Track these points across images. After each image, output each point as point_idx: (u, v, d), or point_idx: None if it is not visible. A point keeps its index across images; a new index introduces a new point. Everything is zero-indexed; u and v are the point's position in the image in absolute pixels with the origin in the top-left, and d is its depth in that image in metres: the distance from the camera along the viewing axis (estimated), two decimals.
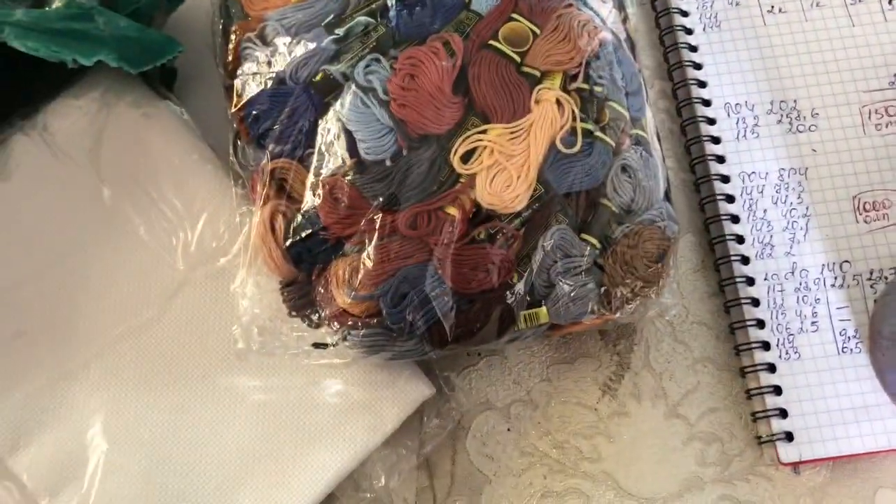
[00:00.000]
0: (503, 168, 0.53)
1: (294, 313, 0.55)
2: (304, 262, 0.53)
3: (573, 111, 0.54)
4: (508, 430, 0.58)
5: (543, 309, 0.53)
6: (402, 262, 0.52)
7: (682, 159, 0.64)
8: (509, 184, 0.53)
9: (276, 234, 0.53)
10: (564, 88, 0.55)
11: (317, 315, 0.53)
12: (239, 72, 0.57)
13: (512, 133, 0.53)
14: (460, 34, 0.55)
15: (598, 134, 0.54)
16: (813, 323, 0.59)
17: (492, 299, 0.53)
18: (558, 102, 0.54)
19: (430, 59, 0.54)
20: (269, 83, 0.56)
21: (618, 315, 0.54)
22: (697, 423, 0.58)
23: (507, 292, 0.53)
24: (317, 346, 0.54)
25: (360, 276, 0.52)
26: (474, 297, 0.53)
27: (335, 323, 0.53)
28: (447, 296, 0.52)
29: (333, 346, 0.54)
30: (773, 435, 0.56)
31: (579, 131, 0.54)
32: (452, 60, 0.54)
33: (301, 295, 0.54)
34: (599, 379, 0.59)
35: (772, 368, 0.58)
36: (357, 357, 0.54)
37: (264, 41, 0.57)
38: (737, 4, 0.66)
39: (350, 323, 0.53)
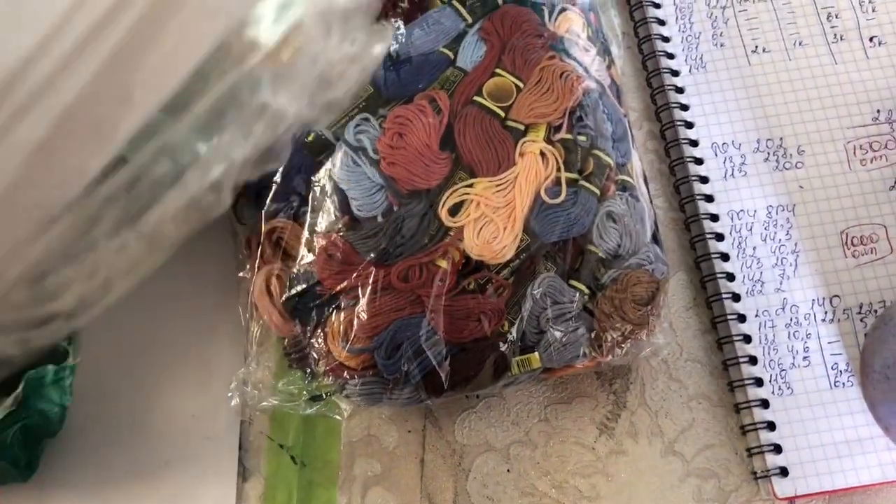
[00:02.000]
0: (490, 220, 0.55)
1: (294, 366, 0.57)
2: (301, 316, 0.55)
3: (557, 162, 0.56)
4: (508, 471, 0.59)
5: (536, 354, 0.55)
6: (395, 315, 0.54)
7: (671, 198, 0.66)
8: (496, 235, 0.55)
9: (272, 296, 0.56)
10: (549, 140, 0.57)
11: (314, 368, 0.55)
12: None
13: (497, 186, 0.55)
14: (446, 91, 0.57)
15: (583, 183, 0.56)
16: (805, 358, 0.60)
17: (485, 347, 0.55)
18: (542, 154, 0.56)
19: (417, 117, 0.56)
20: None
21: (609, 358, 0.56)
22: (694, 460, 0.59)
23: (500, 340, 0.55)
24: (314, 398, 0.56)
25: (354, 330, 0.54)
26: (467, 345, 0.55)
27: (332, 375, 0.55)
28: (441, 345, 0.54)
29: (330, 396, 0.56)
30: (768, 470, 0.57)
31: (563, 181, 0.56)
32: (439, 117, 0.56)
33: (300, 348, 0.56)
34: (596, 418, 0.60)
35: (765, 404, 0.59)
36: (355, 406, 0.56)
37: None
38: (721, 45, 0.68)
39: (346, 375, 0.54)
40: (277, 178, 0.56)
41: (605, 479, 0.59)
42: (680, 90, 0.67)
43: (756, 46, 0.68)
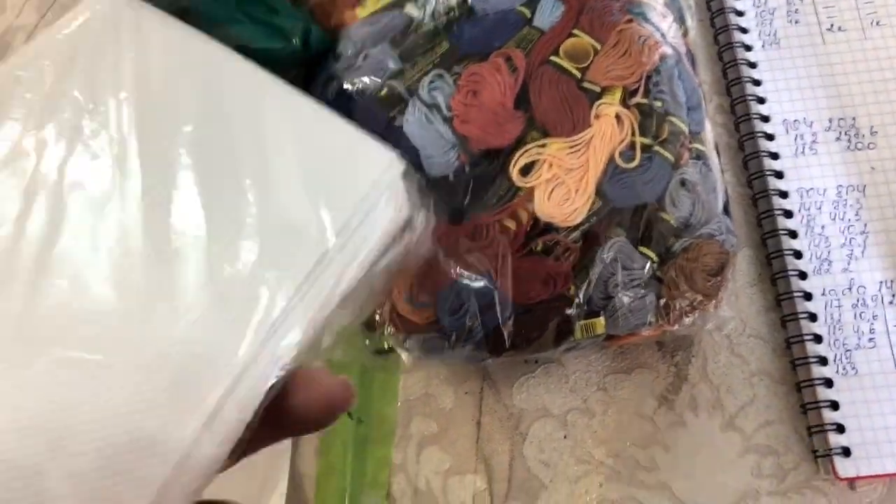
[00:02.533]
0: (562, 181, 0.54)
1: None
2: None
3: (632, 126, 0.55)
4: (565, 437, 0.59)
5: (601, 319, 0.54)
6: (461, 273, 0.54)
7: (739, 174, 0.65)
8: (568, 197, 0.54)
9: None
10: (624, 103, 0.56)
11: (377, 320, 0.55)
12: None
13: (571, 147, 0.55)
14: (522, 50, 0.56)
15: (658, 148, 0.55)
16: (870, 339, 0.59)
17: (549, 309, 0.54)
18: (618, 117, 0.55)
19: (492, 75, 0.55)
20: (333, 95, 0.58)
21: (676, 327, 0.55)
22: (754, 436, 0.58)
23: (565, 304, 0.54)
24: (378, 352, 0.56)
25: (419, 285, 0.54)
26: (532, 307, 0.54)
27: (395, 329, 0.54)
28: (505, 305, 0.53)
29: (392, 351, 0.56)
30: (830, 449, 0.56)
31: (638, 146, 0.55)
32: (514, 76, 0.55)
33: None
34: (657, 390, 0.60)
35: (829, 383, 0.58)
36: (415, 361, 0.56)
37: (335, 55, 0.60)
38: (796, 22, 0.67)
39: (409, 329, 0.54)
40: None
41: (664, 451, 0.58)
42: (752, 65, 0.66)
43: (831, 25, 0.67)
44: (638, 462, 0.58)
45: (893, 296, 0.60)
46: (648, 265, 0.55)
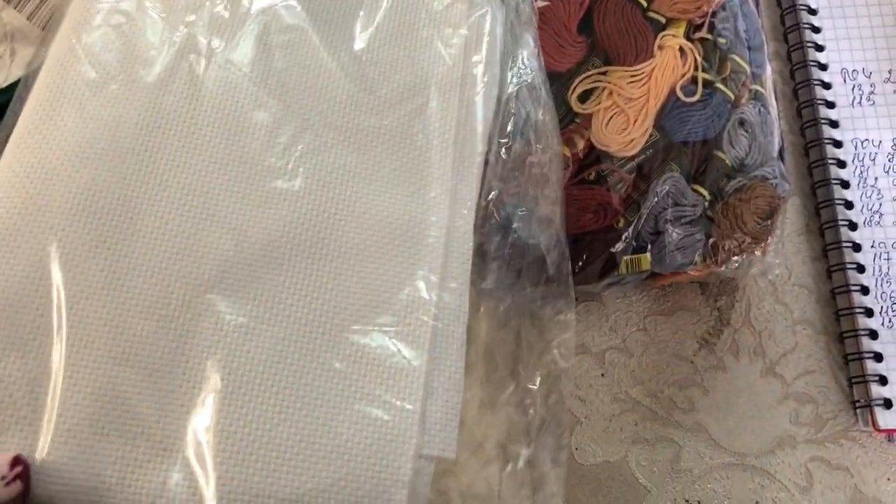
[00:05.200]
0: (620, 111, 0.53)
1: None
2: None
3: (695, 60, 0.54)
4: (602, 375, 0.58)
5: (647, 255, 0.54)
6: (512, 196, 0.53)
7: (792, 122, 0.64)
8: (625, 127, 0.53)
9: None
10: (688, 37, 0.55)
11: None
12: None
13: (633, 76, 0.54)
14: None
15: (719, 85, 0.54)
16: None
17: (595, 241, 0.54)
18: (681, 50, 0.54)
19: None
20: None
21: (722, 268, 0.54)
22: (793, 384, 0.58)
23: (614, 236, 0.53)
24: None
25: None
26: (580, 236, 0.53)
27: None
28: (552, 231, 0.52)
29: None
30: (871, 400, 0.56)
31: (700, 81, 0.54)
32: (580, 0, 0.54)
33: None
34: (698, 332, 0.59)
35: (873, 335, 0.57)
36: None
37: None
38: None
39: None
40: None
41: (702, 393, 0.58)
42: (813, 11, 0.64)
43: None
44: (675, 403, 0.57)
45: None
46: (700, 202, 0.54)
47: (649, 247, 0.54)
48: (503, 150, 0.53)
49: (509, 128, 0.53)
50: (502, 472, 0.54)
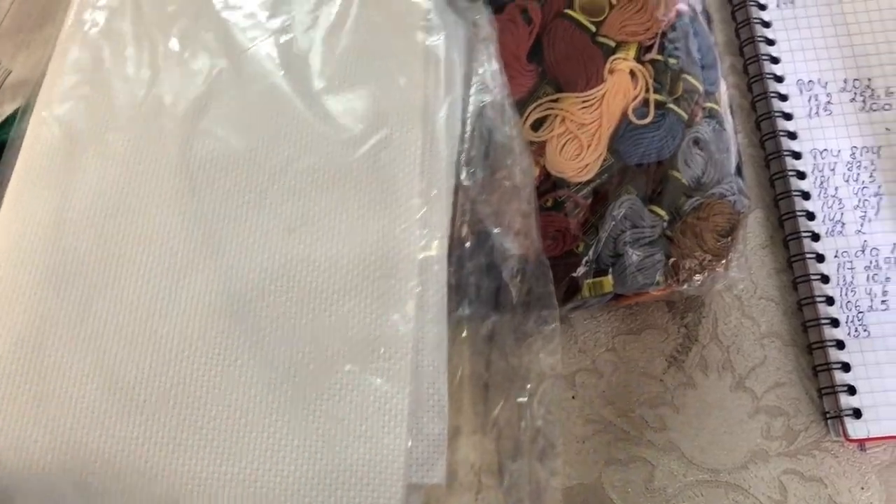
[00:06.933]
0: (574, 137, 0.54)
1: None
2: None
3: (646, 82, 0.55)
4: (573, 397, 0.58)
5: (608, 278, 0.54)
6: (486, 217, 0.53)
7: (751, 135, 0.64)
8: (579, 152, 0.54)
9: None
10: (639, 59, 0.55)
11: None
12: None
13: (584, 102, 0.54)
14: (538, 2, 0.55)
15: (671, 106, 0.55)
16: (883, 301, 0.58)
17: (556, 266, 0.54)
18: (632, 73, 0.55)
19: (507, 26, 0.55)
20: None
21: (685, 287, 0.55)
22: (764, 397, 0.58)
23: (574, 261, 0.54)
24: None
25: None
26: None
27: None
28: (513, 261, 0.53)
29: None
30: (840, 411, 0.56)
31: (652, 103, 0.55)
32: (529, 28, 0.55)
33: None
34: (666, 350, 0.59)
35: (840, 345, 0.57)
36: None
37: None
38: None
39: None
40: None
41: (673, 411, 0.58)
42: (766, 24, 0.65)
43: None
44: (646, 422, 0.58)
45: None
46: (658, 223, 0.54)
47: (610, 269, 0.54)
48: (472, 171, 0.53)
49: (474, 151, 0.53)
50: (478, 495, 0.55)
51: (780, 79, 0.63)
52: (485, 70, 0.55)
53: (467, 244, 0.53)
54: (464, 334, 0.55)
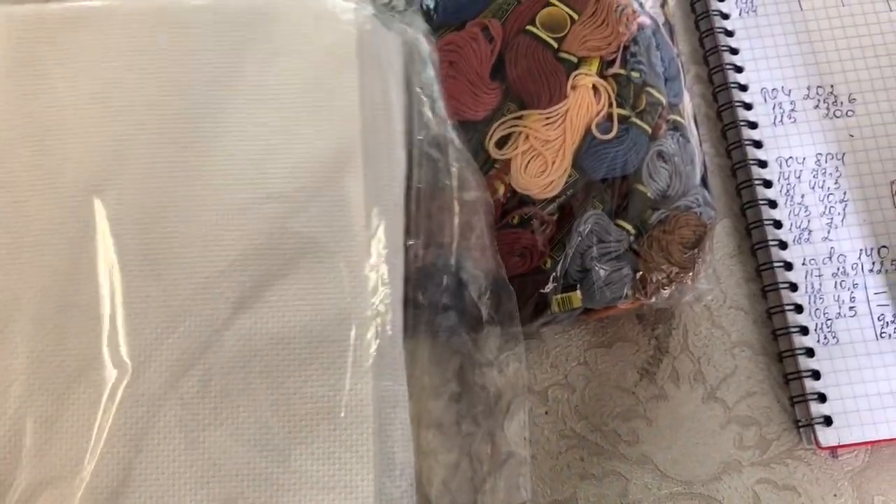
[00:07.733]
0: (538, 154, 0.54)
1: None
2: None
3: (609, 97, 0.55)
4: (546, 413, 0.58)
5: (577, 293, 0.54)
6: (442, 246, 0.53)
7: (717, 144, 0.64)
8: (544, 169, 0.54)
9: None
10: (601, 74, 0.55)
11: None
12: None
13: (548, 119, 0.54)
14: (499, 19, 0.55)
15: (635, 120, 0.55)
16: (851, 308, 0.59)
17: (525, 283, 0.54)
18: (595, 88, 0.55)
19: (468, 45, 0.55)
20: None
21: (653, 300, 0.55)
22: (735, 407, 0.58)
23: (542, 277, 0.54)
24: None
25: None
26: (509, 280, 0.54)
27: None
28: (480, 280, 0.53)
29: None
30: (811, 419, 0.56)
31: (615, 117, 0.55)
32: (491, 46, 0.55)
33: None
34: (638, 363, 0.59)
35: (810, 353, 0.58)
36: None
37: None
38: None
39: None
40: None
41: (646, 424, 0.58)
42: (730, 33, 0.65)
43: None
44: (619, 435, 0.58)
45: (873, 264, 0.60)
46: (624, 237, 0.54)
47: (578, 285, 0.54)
48: (422, 203, 0.53)
49: (422, 183, 0.53)
50: None
51: (744, 87, 0.64)
52: (427, 104, 0.54)
53: (426, 273, 0.53)
54: (426, 357, 0.55)
